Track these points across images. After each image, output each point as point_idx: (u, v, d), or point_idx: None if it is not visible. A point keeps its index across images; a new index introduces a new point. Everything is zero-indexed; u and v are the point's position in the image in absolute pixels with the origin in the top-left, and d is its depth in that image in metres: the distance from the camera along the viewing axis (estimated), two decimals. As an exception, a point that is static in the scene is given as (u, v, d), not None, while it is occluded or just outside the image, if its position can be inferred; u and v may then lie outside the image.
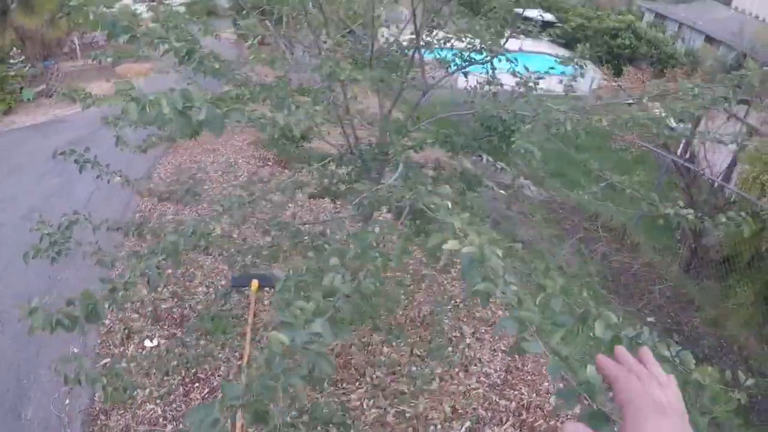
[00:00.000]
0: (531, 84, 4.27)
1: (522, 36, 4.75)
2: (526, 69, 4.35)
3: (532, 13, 4.75)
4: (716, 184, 10.76)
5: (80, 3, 3.07)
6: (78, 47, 27.54)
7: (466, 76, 4.45)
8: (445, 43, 4.43)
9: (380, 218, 3.73)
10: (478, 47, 4.13)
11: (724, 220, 3.74)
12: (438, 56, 4.71)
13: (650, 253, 10.90)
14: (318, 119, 2.79)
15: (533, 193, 12.18)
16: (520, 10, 4.61)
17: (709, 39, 34.91)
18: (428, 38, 4.36)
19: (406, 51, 4.51)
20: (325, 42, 4.07)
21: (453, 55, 4.34)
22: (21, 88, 19.78)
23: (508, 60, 4.24)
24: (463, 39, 4.16)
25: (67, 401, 6.50)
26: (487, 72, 4.36)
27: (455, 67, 4.29)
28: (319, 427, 4.13)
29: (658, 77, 20.87)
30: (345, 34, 5.21)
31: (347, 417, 4.69)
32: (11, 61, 19.53)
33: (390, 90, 4.21)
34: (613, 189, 4.62)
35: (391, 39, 4.55)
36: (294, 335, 1.81)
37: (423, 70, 4.26)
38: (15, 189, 12.77)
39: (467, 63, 4.26)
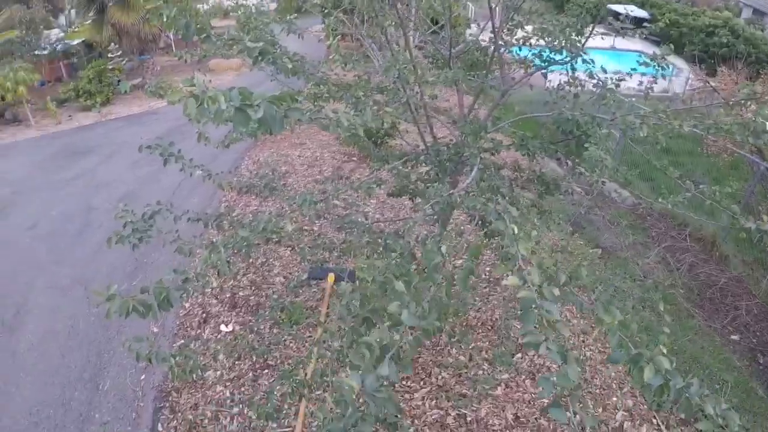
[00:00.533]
0: (611, 86, 4.08)
1: (613, 33, 4.55)
2: (604, 71, 4.16)
3: (622, 8, 4.52)
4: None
5: (157, 6, 3.19)
6: (173, 42, 28.91)
7: (546, 77, 4.33)
8: (524, 43, 4.31)
9: (456, 221, 3.67)
10: (558, 47, 4.00)
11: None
12: (518, 55, 4.59)
13: (740, 266, 10.24)
14: (387, 120, 2.77)
15: (619, 197, 11.71)
16: (610, 6, 4.42)
17: (813, 39, 32.44)
18: (507, 37, 4.26)
19: (486, 50, 4.43)
20: (397, 44, 4.05)
21: (533, 54, 4.22)
22: (118, 81, 20.96)
23: (584, 62, 4.07)
24: (543, 39, 4.03)
25: (143, 377, 6.89)
26: (568, 72, 4.21)
27: (535, 68, 4.17)
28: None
29: (752, 79, 19.56)
30: (426, 32, 5.19)
31: (401, 418, 4.67)
32: (109, 55, 20.77)
33: (470, 89, 4.14)
34: (703, 196, 4.37)
35: (472, 38, 4.47)
36: (363, 379, 1.86)
37: (502, 70, 4.16)
38: (110, 175, 13.63)
39: (547, 63, 4.13)
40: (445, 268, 2.55)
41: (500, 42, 4.08)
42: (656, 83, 4.53)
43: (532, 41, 4.23)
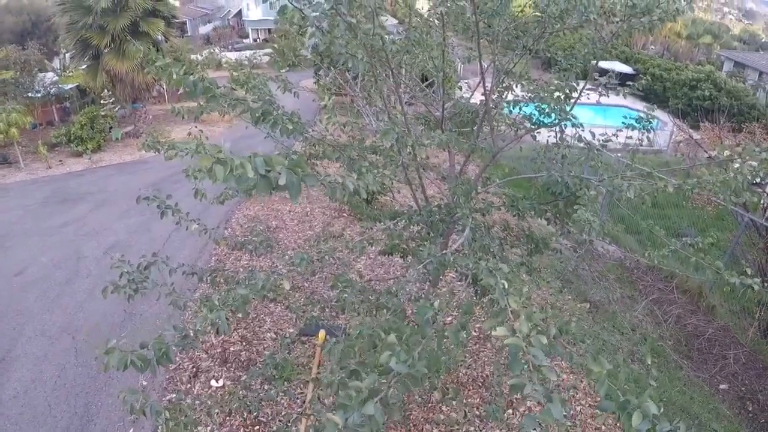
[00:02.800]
0: (597, 149, 4.23)
1: (600, 90, 4.73)
2: (593, 135, 4.32)
3: (608, 65, 4.72)
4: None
5: (165, 64, 3.30)
6: (166, 91, 29.33)
7: (535, 138, 4.47)
8: (514, 107, 4.47)
9: (447, 279, 3.74)
10: (546, 111, 4.16)
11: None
12: (509, 113, 4.74)
13: (727, 316, 10.35)
14: (387, 182, 2.87)
15: (607, 252, 11.84)
16: (596, 63, 4.59)
17: (792, 87, 33.54)
18: (498, 100, 4.42)
19: (477, 112, 4.58)
20: (394, 107, 4.18)
21: (523, 117, 4.38)
22: (110, 128, 21.16)
23: (573, 126, 4.23)
24: (532, 103, 4.20)
25: (131, 430, 6.73)
26: (556, 134, 4.36)
27: (524, 131, 4.32)
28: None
29: (735, 131, 20.12)
30: (418, 92, 5.34)
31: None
32: (102, 101, 21.02)
33: (461, 150, 4.27)
34: (687, 252, 4.48)
35: (464, 98, 4.63)
36: (348, 416, 1.89)
37: (493, 133, 4.30)
38: (100, 224, 13.57)
39: (536, 126, 4.28)
40: (436, 322, 2.61)
41: (491, 104, 4.23)
42: (643, 144, 4.69)
43: (522, 103, 4.39)
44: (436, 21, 3.93)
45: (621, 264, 11.77)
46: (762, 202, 12.01)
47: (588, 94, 4.64)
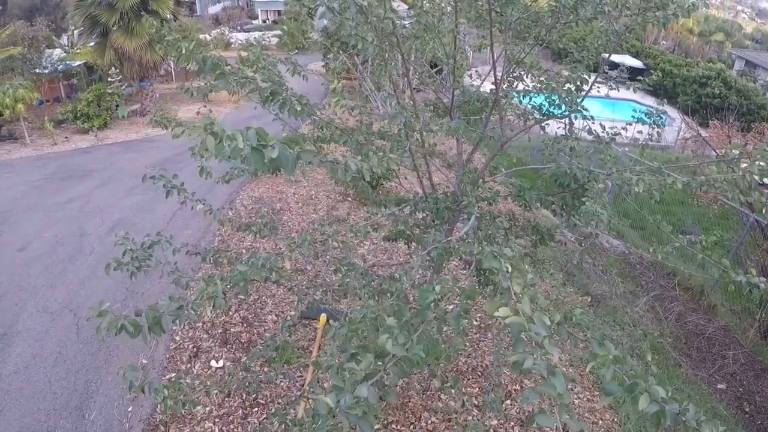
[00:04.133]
0: (606, 142, 4.20)
1: (610, 83, 4.69)
2: (603, 127, 4.28)
3: (618, 58, 4.68)
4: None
5: (174, 39, 3.27)
6: (173, 70, 29.23)
7: (543, 129, 4.44)
8: (524, 97, 4.44)
9: (450, 267, 3.73)
10: (557, 102, 4.13)
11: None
12: (519, 103, 4.70)
13: (728, 315, 10.34)
14: (392, 166, 2.85)
15: (611, 246, 11.81)
16: (607, 56, 4.55)
17: (803, 89, 33.34)
18: (508, 90, 4.38)
19: (486, 101, 4.54)
20: (403, 92, 4.15)
21: (532, 107, 4.35)
22: (117, 106, 21.12)
23: (584, 118, 4.20)
24: (543, 93, 4.17)
25: (130, 408, 6.79)
26: (565, 126, 4.33)
27: (533, 121, 4.29)
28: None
29: (744, 131, 20.00)
30: (427, 78, 5.30)
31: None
32: (110, 79, 20.96)
33: (469, 138, 4.24)
34: (693, 249, 4.46)
35: (474, 85, 4.59)
36: (341, 398, 1.88)
37: (501, 123, 4.27)
38: (104, 201, 13.59)
39: (545, 117, 4.25)
40: (438, 307, 2.60)
41: (501, 94, 4.20)
42: (652, 139, 4.65)
43: (532, 94, 4.36)
44: (449, 7, 3.89)
45: (624, 259, 11.76)
46: (768, 202, 11.95)
47: (598, 87, 4.60)
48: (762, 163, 4.01)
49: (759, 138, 16.95)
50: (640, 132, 4.82)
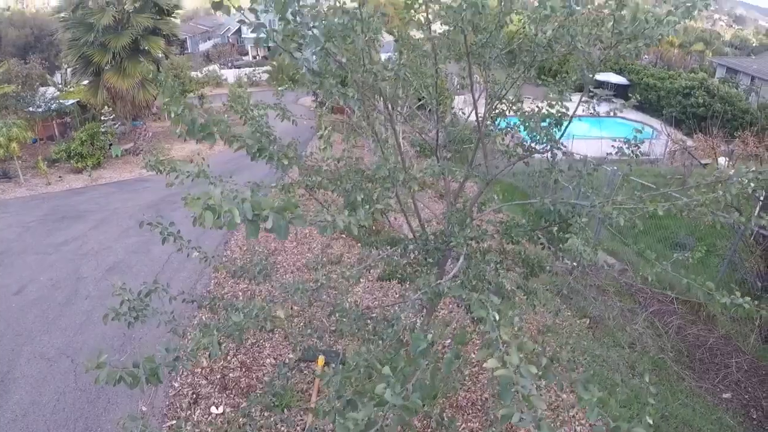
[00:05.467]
0: (589, 172, 4.30)
1: (595, 101, 4.78)
2: (585, 159, 4.37)
3: (603, 77, 4.78)
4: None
5: (165, 102, 3.37)
6: (167, 102, 29.27)
7: (527, 165, 4.53)
8: (506, 134, 4.53)
9: (445, 301, 3.77)
10: (538, 138, 4.22)
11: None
12: (502, 141, 4.79)
13: (727, 324, 10.37)
14: (379, 217, 2.93)
15: (606, 263, 11.86)
16: (591, 76, 4.64)
17: (784, 90, 33.88)
18: (491, 127, 4.47)
19: (470, 140, 4.63)
20: (386, 141, 4.23)
21: (515, 144, 4.44)
22: (110, 145, 21.24)
23: (564, 154, 4.30)
24: (524, 129, 4.26)
25: (131, 458, 6.74)
26: (549, 160, 4.42)
27: (517, 158, 4.38)
28: None
29: (728, 140, 20.27)
30: (411, 120, 5.39)
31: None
32: (102, 118, 21.12)
33: (455, 178, 4.32)
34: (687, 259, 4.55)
35: (461, 116, 4.68)
36: None
37: (486, 161, 4.36)
38: (99, 243, 13.62)
39: (528, 153, 4.34)
40: (431, 353, 2.66)
41: (484, 131, 4.30)
42: (636, 158, 4.73)
43: (513, 130, 4.46)
44: (428, 50, 4.00)
45: (620, 277, 11.80)
46: (756, 210, 12.08)
47: (584, 107, 4.70)
48: (745, 180, 4.11)
49: (743, 147, 17.17)
50: (630, 148, 4.90)
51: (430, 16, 3.72)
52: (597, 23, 4.35)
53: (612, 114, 4.81)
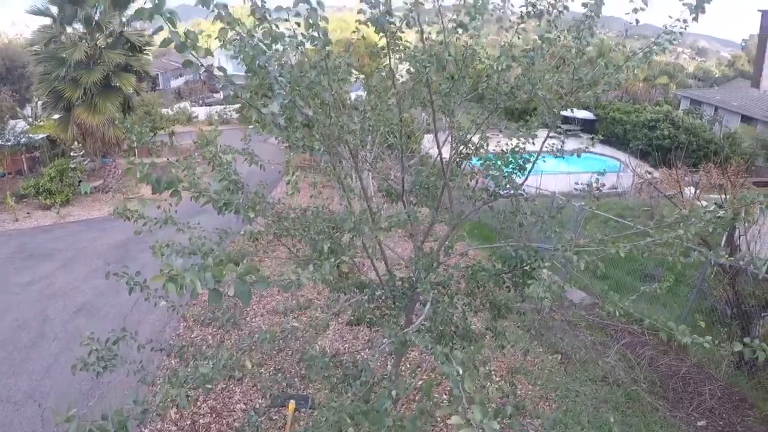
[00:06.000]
0: (552, 215, 4.41)
1: (563, 137, 4.90)
2: (553, 194, 4.48)
3: (569, 112, 4.91)
4: (761, 276, 10.47)
5: (128, 162, 3.39)
6: (136, 147, 29.06)
7: (491, 209, 4.63)
8: (471, 179, 4.64)
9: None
10: (503, 183, 4.33)
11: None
12: (469, 174, 4.88)
13: (699, 352, 10.51)
14: (344, 269, 2.97)
15: (578, 299, 11.99)
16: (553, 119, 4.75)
17: (746, 119, 35.15)
18: (456, 172, 4.57)
19: (436, 186, 4.72)
20: (352, 190, 4.28)
21: (480, 189, 4.53)
22: (79, 182, 20.96)
23: (525, 200, 4.41)
24: (489, 174, 4.37)
25: None
26: (512, 203, 4.52)
27: (481, 202, 4.47)
28: None
29: (693, 170, 20.85)
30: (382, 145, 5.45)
31: None
32: (72, 154, 20.88)
33: (422, 225, 4.40)
34: (642, 316, 4.63)
35: (421, 176, 4.77)
36: None
37: (451, 206, 4.45)
38: (67, 284, 13.35)
39: (492, 198, 4.44)
40: (396, 409, 2.68)
41: (450, 176, 4.39)
42: (602, 189, 4.86)
43: (479, 178, 4.57)
44: (393, 100, 4.10)
45: (591, 309, 11.91)
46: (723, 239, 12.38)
47: (553, 147, 4.83)
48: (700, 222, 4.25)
49: (707, 177, 17.63)
50: (596, 178, 5.02)
51: (394, 68, 3.83)
52: (557, 70, 4.52)
53: (578, 155, 4.96)
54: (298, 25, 3.61)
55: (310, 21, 3.45)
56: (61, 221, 18.99)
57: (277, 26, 3.73)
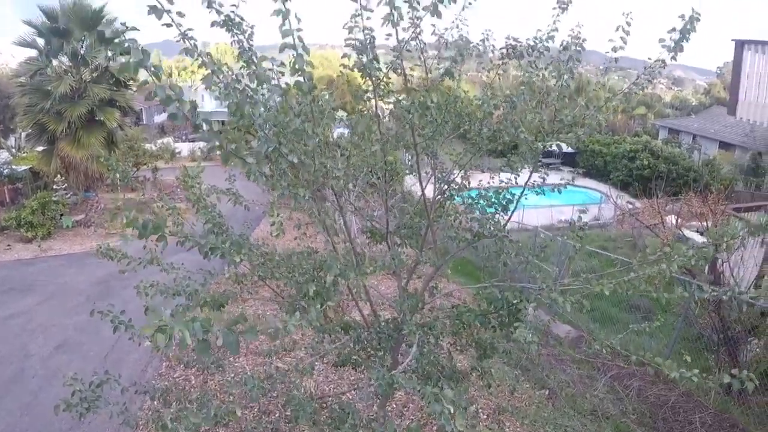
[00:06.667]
0: (536, 254, 4.47)
1: (544, 171, 4.96)
2: (536, 228, 4.55)
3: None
4: (744, 309, 10.55)
5: (115, 207, 3.41)
6: (119, 184, 28.82)
7: (476, 249, 4.68)
8: (455, 220, 4.69)
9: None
10: (486, 225, 4.39)
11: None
12: (453, 215, 4.94)
13: (688, 381, 10.48)
14: (331, 315, 2.98)
15: (565, 333, 12.00)
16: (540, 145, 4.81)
17: (724, 145, 35.95)
18: (440, 212, 4.63)
19: (420, 228, 4.76)
20: (337, 234, 4.31)
21: (464, 229, 4.58)
22: (61, 215, 20.75)
23: (510, 242, 4.48)
24: (472, 217, 4.44)
25: None
26: (496, 244, 4.57)
27: (465, 243, 4.52)
28: None
29: (673, 199, 21.17)
30: (364, 194, 5.51)
31: None
32: (55, 187, 20.71)
33: (406, 267, 4.43)
34: (628, 352, 4.67)
35: (407, 216, 4.82)
36: None
37: (435, 247, 4.49)
38: (48, 319, 13.11)
39: (476, 238, 4.49)
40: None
41: (435, 216, 4.45)
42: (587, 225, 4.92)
43: (462, 219, 4.63)
44: (377, 146, 4.16)
45: (577, 343, 11.90)
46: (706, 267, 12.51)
47: (535, 185, 4.90)
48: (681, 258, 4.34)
49: (688, 207, 17.88)
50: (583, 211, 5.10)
51: (379, 112, 3.90)
52: (538, 108, 4.62)
53: (559, 191, 5.04)
54: (284, 64, 3.69)
55: (296, 66, 3.53)
56: (42, 255, 18.74)
57: (264, 69, 3.81)
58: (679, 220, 17.72)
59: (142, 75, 3.22)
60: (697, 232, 17.00)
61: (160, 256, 4.88)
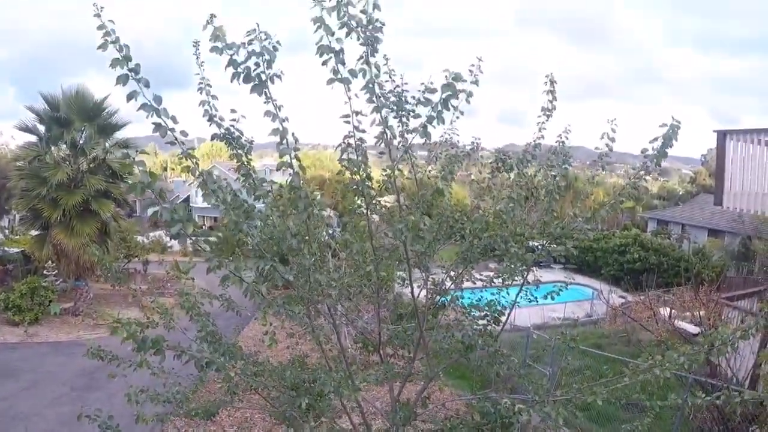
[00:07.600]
0: (529, 364, 4.51)
1: (534, 268, 5.03)
2: (528, 328, 4.59)
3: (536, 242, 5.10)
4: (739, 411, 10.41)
5: (114, 323, 3.46)
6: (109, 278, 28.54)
7: (468, 360, 4.71)
8: (447, 332, 4.76)
9: None
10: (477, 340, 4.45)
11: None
12: (444, 326, 4.99)
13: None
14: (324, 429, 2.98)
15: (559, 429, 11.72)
16: (530, 243, 4.90)
17: (713, 232, 36.41)
18: (433, 322, 4.71)
19: (412, 338, 4.82)
20: (331, 350, 4.36)
21: (456, 341, 4.64)
22: (50, 302, 20.50)
23: (502, 354, 4.53)
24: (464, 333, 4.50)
25: None
26: (489, 355, 4.61)
27: (457, 355, 4.56)
28: None
29: (665, 290, 21.20)
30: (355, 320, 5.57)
31: None
32: (45, 273, 20.57)
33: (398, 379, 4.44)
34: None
35: (399, 328, 4.89)
36: None
37: (428, 358, 4.52)
38: (30, 408, 12.75)
39: (468, 350, 4.53)
40: None
41: (425, 328, 4.50)
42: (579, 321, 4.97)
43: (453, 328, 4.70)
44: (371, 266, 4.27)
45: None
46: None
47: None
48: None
49: (681, 301, 17.90)
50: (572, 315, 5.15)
51: (373, 226, 4.05)
52: (528, 225, 4.79)
53: (552, 298, 5.13)
54: (282, 186, 3.86)
55: (293, 184, 3.70)
56: (28, 340, 18.40)
57: (261, 180, 3.99)
58: (672, 312, 17.70)
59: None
60: (692, 323, 16.93)
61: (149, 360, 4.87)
